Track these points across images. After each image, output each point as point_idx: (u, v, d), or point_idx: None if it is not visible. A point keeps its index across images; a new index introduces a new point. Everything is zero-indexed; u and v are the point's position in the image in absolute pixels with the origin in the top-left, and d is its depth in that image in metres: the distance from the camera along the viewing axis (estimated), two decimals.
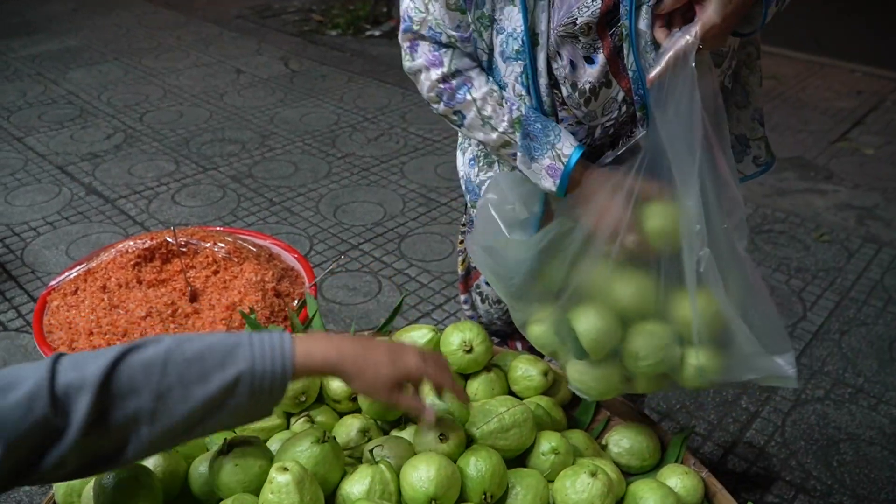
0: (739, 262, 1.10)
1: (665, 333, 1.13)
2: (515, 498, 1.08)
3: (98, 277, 1.70)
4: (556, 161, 1.18)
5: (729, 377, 1.13)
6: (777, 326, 1.11)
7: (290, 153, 4.01)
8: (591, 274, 1.12)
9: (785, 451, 2.16)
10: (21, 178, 3.67)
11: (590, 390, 1.21)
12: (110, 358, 0.82)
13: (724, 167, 1.08)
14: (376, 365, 0.98)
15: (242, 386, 0.87)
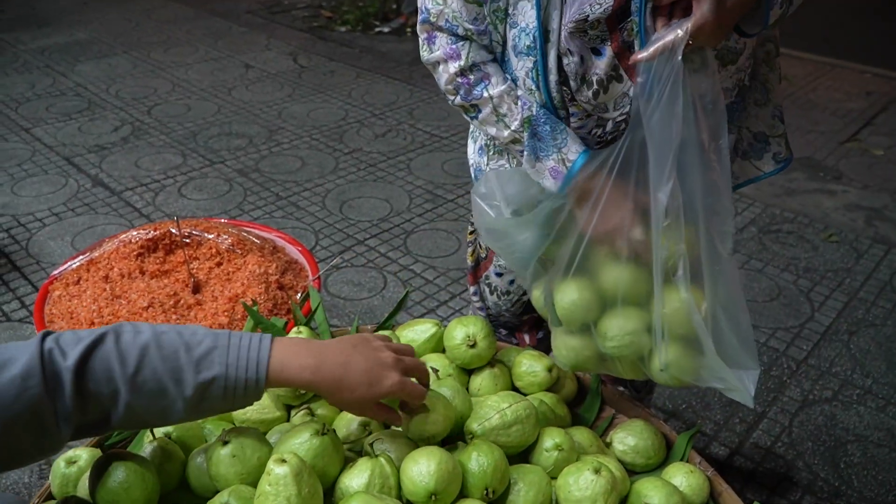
0: (720, 264, 1.09)
1: (637, 320, 1.13)
2: (518, 494, 1.06)
3: (101, 267, 1.69)
4: (561, 164, 1.20)
5: (696, 380, 1.14)
6: (748, 340, 1.11)
7: (297, 148, 4.00)
8: (579, 251, 1.13)
9: (792, 452, 2.13)
10: (28, 169, 3.67)
11: (564, 358, 1.24)
12: (86, 345, 0.85)
13: (716, 169, 1.08)
14: (352, 387, 0.96)
15: (216, 389, 0.89)
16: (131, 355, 0.86)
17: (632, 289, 1.13)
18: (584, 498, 1.04)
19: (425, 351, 1.37)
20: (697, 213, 1.06)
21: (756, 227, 3.35)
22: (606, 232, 1.11)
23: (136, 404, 0.87)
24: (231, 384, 0.89)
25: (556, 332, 1.24)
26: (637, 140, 1.06)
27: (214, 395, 0.89)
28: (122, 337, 0.88)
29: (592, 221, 1.10)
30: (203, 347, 0.90)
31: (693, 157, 1.05)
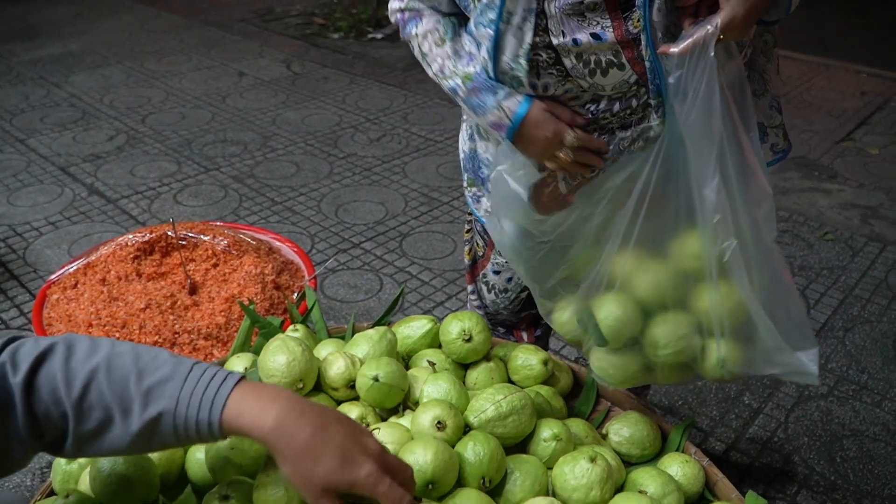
0: (767, 254, 1.09)
1: (686, 323, 1.12)
2: (514, 483, 1.07)
3: (98, 271, 1.70)
4: (503, 116, 1.20)
5: (750, 370, 1.13)
6: (802, 322, 1.10)
7: (291, 154, 4.02)
8: (612, 263, 1.12)
9: (788, 447, 2.14)
10: (23, 179, 3.68)
11: (610, 377, 1.21)
12: (33, 358, 0.78)
13: (751, 156, 1.08)
14: (318, 458, 0.79)
15: (165, 426, 0.79)
16: (78, 377, 0.78)
17: (674, 292, 1.12)
18: (580, 486, 1.05)
19: (421, 347, 1.38)
20: (739, 206, 1.05)
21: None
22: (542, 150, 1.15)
23: (83, 432, 0.79)
24: (181, 423, 0.78)
25: (597, 353, 1.20)
26: (675, 140, 1.06)
27: (164, 432, 0.79)
28: (73, 355, 0.79)
29: (635, 229, 1.09)
30: (157, 376, 0.79)
31: (732, 149, 1.05)
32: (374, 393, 1.18)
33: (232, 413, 0.79)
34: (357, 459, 0.80)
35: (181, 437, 0.80)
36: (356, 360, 1.25)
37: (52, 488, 1.10)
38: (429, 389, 1.20)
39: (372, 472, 0.80)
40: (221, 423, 0.79)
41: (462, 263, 3.00)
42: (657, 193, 1.08)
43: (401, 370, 1.21)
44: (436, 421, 1.09)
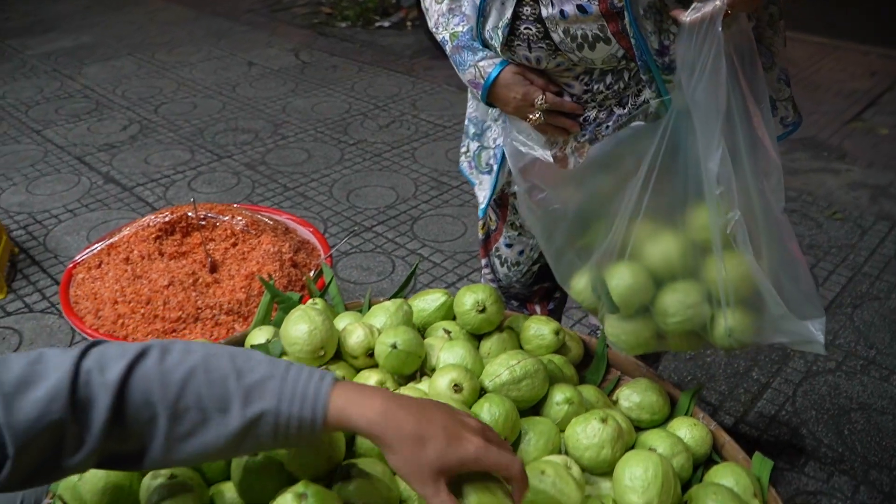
0: (776, 224, 1.11)
1: (695, 292, 1.15)
2: (528, 443, 1.11)
3: (121, 251, 1.75)
4: (478, 75, 1.30)
5: (758, 339, 1.16)
6: (809, 291, 1.13)
7: (302, 141, 4.06)
8: (623, 233, 1.15)
9: (796, 420, 2.18)
10: (41, 169, 3.74)
11: (622, 343, 1.25)
12: (129, 360, 0.76)
13: (760, 127, 1.10)
14: (427, 439, 0.79)
15: (264, 426, 0.78)
16: (175, 377, 0.77)
17: (684, 262, 1.15)
18: (591, 445, 1.09)
19: (436, 319, 1.42)
20: (748, 176, 1.07)
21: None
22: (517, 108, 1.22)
23: (175, 436, 0.77)
24: (283, 420, 0.78)
25: (610, 320, 1.25)
26: (682, 113, 1.08)
27: (262, 432, 0.78)
28: (168, 356, 0.78)
29: (645, 198, 1.12)
30: (256, 375, 0.79)
31: (741, 122, 1.07)
32: (392, 360, 1.22)
33: (337, 406, 0.79)
34: (463, 436, 0.81)
35: (280, 435, 0.79)
36: (374, 329, 1.29)
37: None
38: (445, 356, 1.24)
39: (480, 446, 0.81)
40: (326, 416, 0.79)
41: (473, 245, 3.04)
42: (666, 165, 1.11)
43: (418, 338, 1.25)
44: (453, 384, 1.13)
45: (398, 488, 0.99)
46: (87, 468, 0.77)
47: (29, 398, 0.70)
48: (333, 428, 0.80)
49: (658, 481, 0.99)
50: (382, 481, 0.96)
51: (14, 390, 0.70)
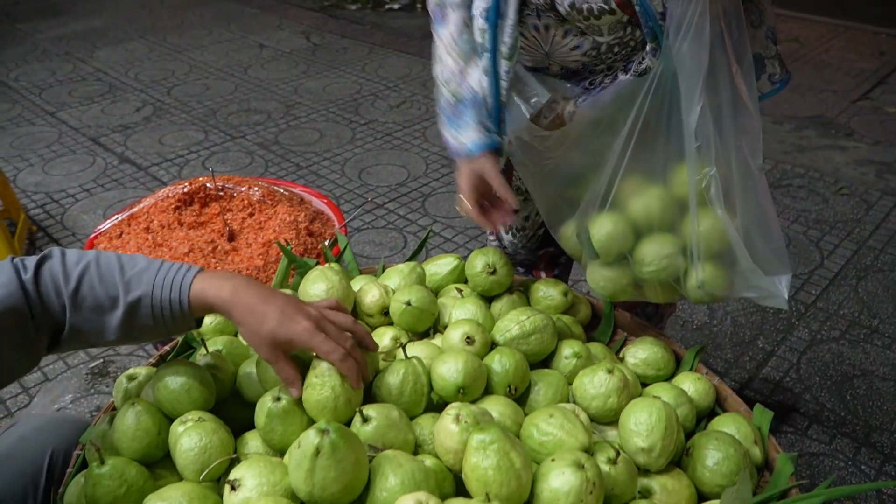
0: (752, 181, 1.15)
1: (671, 244, 1.21)
2: (538, 393, 1.16)
3: (141, 221, 1.80)
4: (455, 140, 1.32)
5: (729, 293, 1.21)
6: (779, 248, 1.18)
7: (314, 121, 4.11)
8: (607, 184, 1.20)
9: (800, 386, 2.22)
10: (56, 150, 3.80)
11: (602, 289, 1.31)
12: (36, 260, 0.95)
13: (741, 86, 1.14)
14: (263, 318, 0.96)
15: (143, 308, 0.95)
16: (74, 273, 0.95)
17: (663, 215, 1.20)
18: (598, 395, 1.14)
19: (448, 283, 1.48)
20: (728, 134, 1.11)
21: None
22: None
23: (77, 321, 0.94)
24: (157, 303, 0.95)
25: (591, 266, 1.31)
26: (668, 70, 1.11)
27: (143, 315, 0.95)
28: (67, 256, 0.96)
29: (627, 153, 1.16)
30: (136, 269, 0.96)
31: (724, 80, 1.10)
32: (406, 317, 1.27)
33: (197, 289, 0.96)
34: (296, 319, 0.97)
35: (157, 317, 0.96)
36: (389, 289, 1.35)
37: (114, 406, 1.21)
38: (457, 312, 1.29)
39: (309, 328, 0.97)
40: (190, 298, 0.95)
41: None
42: (651, 121, 1.15)
43: (431, 296, 1.30)
44: (465, 336, 1.18)
45: (414, 433, 1.04)
46: (42, 354, 0.96)
47: None
48: (197, 307, 0.96)
49: (661, 425, 1.03)
50: (399, 426, 1.02)
51: None
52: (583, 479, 0.90)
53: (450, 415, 1.00)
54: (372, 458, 0.93)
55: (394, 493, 0.88)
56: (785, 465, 1.11)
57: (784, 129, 3.92)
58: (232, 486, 0.91)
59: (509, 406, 1.11)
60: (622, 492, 0.98)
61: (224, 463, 0.99)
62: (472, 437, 0.92)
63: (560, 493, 0.90)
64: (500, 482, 0.89)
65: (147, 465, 1.03)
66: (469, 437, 0.93)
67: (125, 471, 0.98)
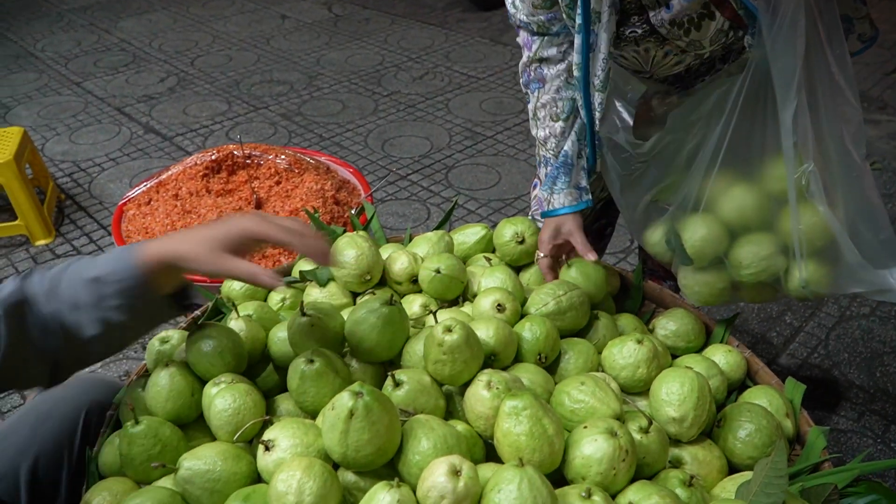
0: (855, 171, 1.09)
1: (770, 244, 1.17)
2: (568, 362, 1.16)
3: (170, 188, 1.81)
4: (546, 201, 1.38)
5: (834, 289, 1.16)
6: (889, 239, 1.11)
7: (337, 92, 4.09)
8: (699, 185, 1.16)
9: (828, 363, 2.20)
10: (83, 120, 3.83)
11: (696, 295, 1.28)
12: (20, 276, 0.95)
13: (838, 74, 1.09)
14: (202, 231, 0.93)
15: (105, 285, 0.91)
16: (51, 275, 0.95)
17: (758, 213, 1.16)
18: (627, 365, 1.13)
19: (476, 252, 1.47)
20: (825, 125, 1.06)
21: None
22: None
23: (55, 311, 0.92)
24: (113, 277, 0.91)
25: (684, 272, 1.28)
26: (761, 64, 1.07)
27: (107, 293, 0.91)
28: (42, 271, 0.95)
29: (721, 151, 1.12)
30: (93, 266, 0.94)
31: (819, 69, 1.05)
32: (435, 284, 1.27)
33: (142, 253, 0.92)
34: (235, 217, 0.95)
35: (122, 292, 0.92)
36: (418, 257, 1.34)
37: (146, 368, 1.22)
38: (486, 281, 1.29)
39: (252, 218, 0.94)
40: (142, 261, 0.91)
41: (506, 193, 3.06)
42: (744, 117, 1.10)
43: (460, 264, 1.30)
44: (496, 304, 1.18)
45: (444, 399, 1.04)
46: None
47: None
48: (150, 268, 0.91)
49: (694, 395, 1.02)
50: (430, 391, 1.02)
51: None
52: (615, 447, 0.90)
53: (481, 381, 1.00)
54: (404, 423, 0.94)
55: (426, 457, 0.88)
56: (817, 438, 1.10)
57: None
58: (266, 446, 0.92)
59: (539, 374, 1.10)
60: (653, 461, 0.98)
61: (257, 424, 1.00)
62: (505, 403, 0.92)
63: (592, 460, 0.90)
64: (533, 448, 0.89)
65: (180, 426, 1.04)
66: (501, 403, 0.93)
67: (159, 430, 0.99)
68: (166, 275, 0.94)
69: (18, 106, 4.00)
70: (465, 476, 0.82)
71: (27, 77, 4.38)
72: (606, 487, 0.90)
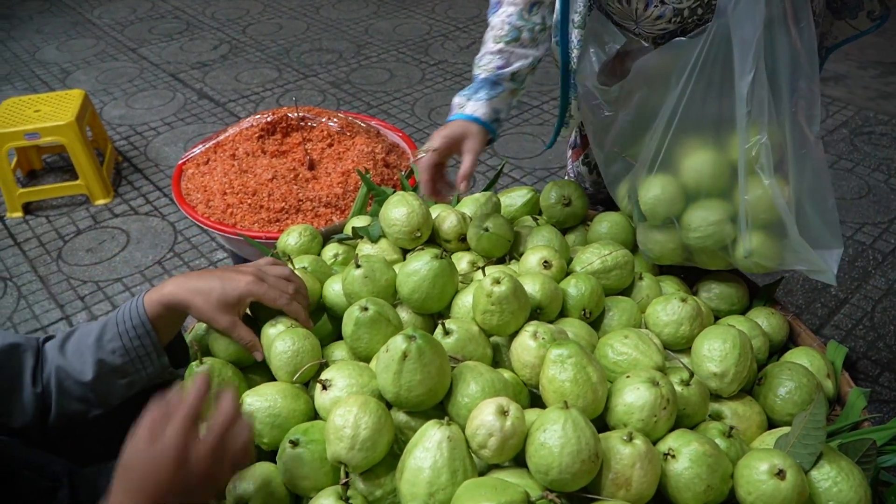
0: (807, 147, 1.09)
1: (720, 211, 1.17)
2: (612, 318, 1.19)
3: (227, 149, 1.87)
4: (454, 108, 1.41)
5: (779, 264, 1.17)
6: (832, 221, 1.12)
7: (384, 61, 4.13)
8: (657, 146, 1.17)
9: (873, 335, 2.19)
10: (138, 85, 3.93)
11: (649, 251, 1.30)
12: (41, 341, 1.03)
13: (799, 47, 1.08)
14: (209, 290, 1.02)
15: (109, 331, 1.00)
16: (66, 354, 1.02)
17: (713, 181, 1.17)
18: (671, 322, 1.16)
19: (522, 213, 1.50)
20: (784, 99, 1.06)
21: (847, 128, 3.29)
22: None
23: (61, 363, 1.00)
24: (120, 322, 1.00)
25: (640, 227, 1.30)
26: (722, 30, 1.06)
27: (111, 340, 0.99)
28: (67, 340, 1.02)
29: (678, 114, 1.13)
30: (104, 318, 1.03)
31: (780, 40, 1.05)
32: (483, 243, 1.31)
33: (147, 298, 1.02)
34: (235, 277, 1.04)
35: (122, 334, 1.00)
36: (466, 216, 1.38)
37: None
38: (533, 240, 1.32)
39: (250, 281, 1.04)
40: (144, 305, 1.01)
41: (552, 163, 3.08)
42: (704, 82, 1.10)
43: (507, 223, 1.33)
44: (542, 261, 1.21)
45: (491, 348, 1.09)
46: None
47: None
48: (153, 311, 1.01)
49: (736, 352, 1.05)
50: (478, 340, 1.06)
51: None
52: (657, 395, 0.93)
53: (528, 331, 1.04)
54: (453, 368, 0.98)
55: (475, 399, 0.92)
56: (857, 399, 1.11)
57: (869, 74, 3.75)
58: (323, 385, 0.98)
59: (584, 328, 1.14)
60: (693, 412, 1.01)
61: (314, 367, 1.05)
62: (551, 351, 0.95)
63: (634, 408, 0.94)
64: (577, 394, 0.93)
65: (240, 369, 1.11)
66: (547, 352, 0.96)
67: (222, 370, 1.06)
68: (168, 317, 1.03)
69: (77, 71, 4.12)
70: (512, 416, 0.86)
71: (85, 43, 4.50)
72: (647, 434, 0.93)
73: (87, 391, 1.00)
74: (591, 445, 0.83)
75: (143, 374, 1.03)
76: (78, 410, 1.02)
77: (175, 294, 1.01)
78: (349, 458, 0.88)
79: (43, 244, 2.69)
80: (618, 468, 0.86)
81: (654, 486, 0.88)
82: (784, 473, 0.86)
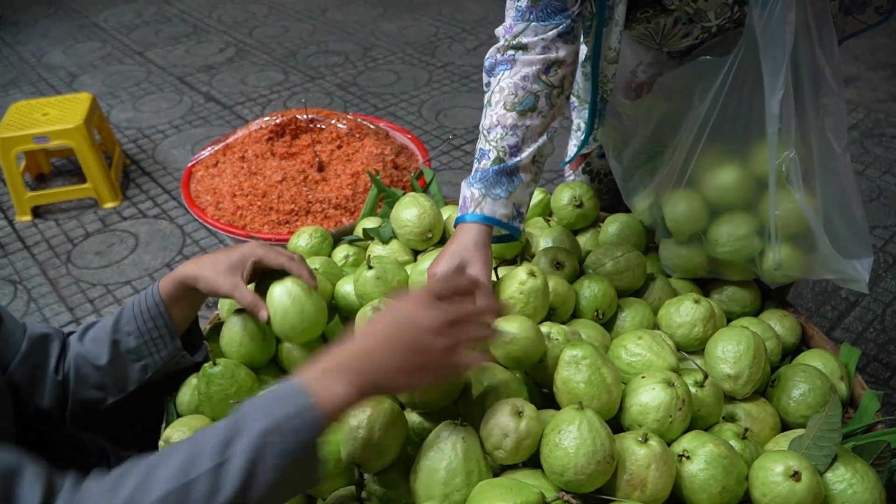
0: (835, 161, 1.11)
1: (747, 224, 1.18)
2: (624, 320, 1.19)
3: (236, 151, 1.88)
4: (468, 200, 1.16)
5: (807, 274, 1.18)
6: (860, 231, 1.14)
7: (391, 63, 4.13)
8: (683, 162, 1.17)
9: (883, 338, 2.18)
10: (145, 88, 3.94)
11: (675, 267, 1.30)
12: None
13: (824, 64, 1.09)
14: (215, 261, 1.05)
15: (125, 314, 1.03)
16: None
17: (739, 194, 1.17)
18: (684, 323, 1.15)
19: (534, 215, 1.50)
20: (809, 114, 1.08)
21: (858, 131, 3.29)
22: None
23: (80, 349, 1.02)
24: (136, 303, 1.03)
25: (664, 244, 1.30)
26: (750, 48, 1.07)
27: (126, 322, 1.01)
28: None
29: (706, 132, 1.13)
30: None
31: (805, 59, 1.06)
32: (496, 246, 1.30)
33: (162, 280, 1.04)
34: (239, 246, 1.06)
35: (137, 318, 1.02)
36: None
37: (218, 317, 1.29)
38: (545, 241, 1.32)
39: (253, 245, 1.07)
40: (158, 287, 1.03)
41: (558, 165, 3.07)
42: (732, 99, 1.11)
43: None
44: (555, 261, 1.21)
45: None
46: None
47: None
48: (168, 298, 1.03)
49: (749, 353, 1.04)
50: None
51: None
52: (672, 396, 0.93)
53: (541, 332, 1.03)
54: None
55: (489, 400, 0.92)
56: (871, 401, 1.11)
57: (879, 76, 3.74)
58: None
59: (596, 329, 1.14)
60: (708, 413, 1.00)
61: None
62: (565, 352, 0.95)
63: (650, 408, 0.93)
64: (591, 395, 0.93)
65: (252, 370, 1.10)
66: (561, 353, 0.96)
67: (235, 372, 1.06)
68: (182, 298, 1.05)
69: (84, 74, 4.14)
70: (526, 416, 0.86)
71: (91, 46, 4.52)
72: (662, 435, 0.93)
73: (103, 376, 1.02)
74: (606, 446, 0.83)
75: (156, 356, 1.05)
76: (94, 398, 1.03)
77: (185, 269, 1.04)
78: (364, 458, 0.88)
79: (52, 247, 2.70)
80: (633, 469, 0.86)
81: (669, 488, 0.87)
82: (799, 475, 0.86)
